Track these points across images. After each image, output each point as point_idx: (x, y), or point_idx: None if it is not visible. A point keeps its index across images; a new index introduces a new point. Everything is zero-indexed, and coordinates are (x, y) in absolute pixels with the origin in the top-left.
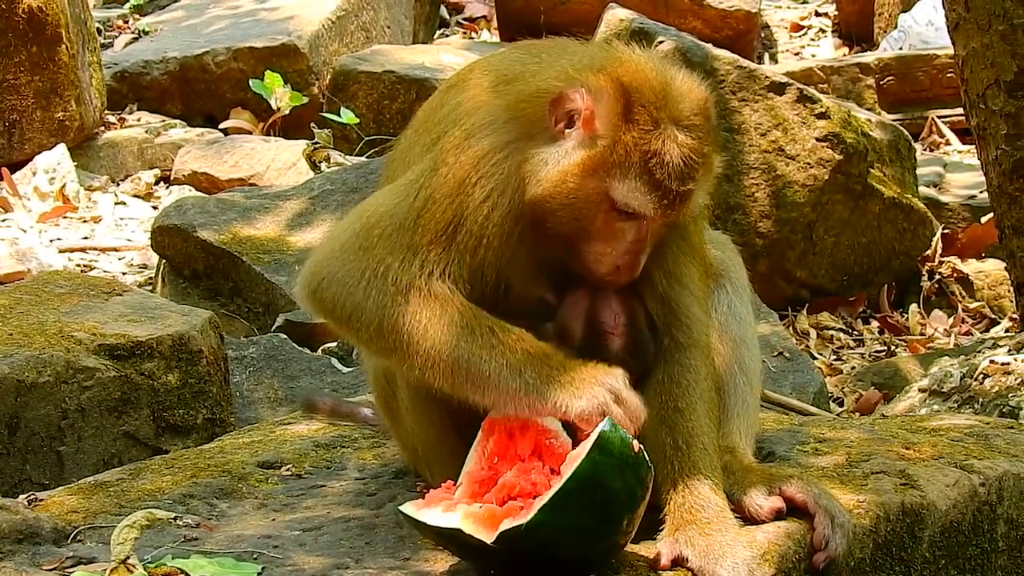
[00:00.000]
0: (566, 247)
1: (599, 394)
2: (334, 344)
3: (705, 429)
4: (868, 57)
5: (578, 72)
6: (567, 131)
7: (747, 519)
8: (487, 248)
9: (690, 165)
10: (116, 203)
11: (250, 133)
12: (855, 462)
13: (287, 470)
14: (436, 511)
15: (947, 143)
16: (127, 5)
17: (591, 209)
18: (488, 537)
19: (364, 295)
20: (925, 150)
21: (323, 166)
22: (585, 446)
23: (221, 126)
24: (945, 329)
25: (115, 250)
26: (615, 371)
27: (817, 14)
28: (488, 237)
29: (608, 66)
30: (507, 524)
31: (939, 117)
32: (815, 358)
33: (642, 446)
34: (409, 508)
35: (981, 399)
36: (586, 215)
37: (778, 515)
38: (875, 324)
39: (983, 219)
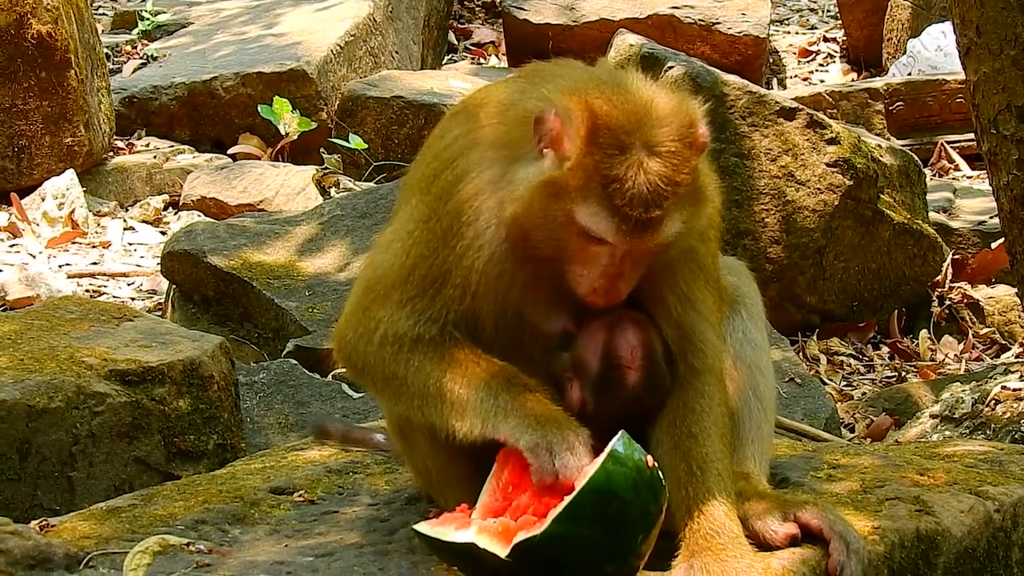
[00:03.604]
0: (557, 267)
1: (552, 437)
2: (345, 370)
3: (719, 455)
4: (877, 82)
5: (555, 93)
6: (545, 151)
7: (762, 545)
8: (476, 296)
9: (656, 192)
10: (125, 228)
11: (259, 158)
12: (869, 488)
13: (299, 496)
14: (450, 528)
15: (956, 168)
16: (135, 31)
17: (561, 231)
18: (502, 551)
19: (367, 351)
20: (934, 176)
21: (332, 191)
22: (599, 459)
23: (229, 151)
24: (955, 355)
25: (124, 275)
26: (581, 429)
27: (825, 39)
28: (475, 284)
29: (586, 88)
30: (521, 536)
31: (948, 142)
32: (825, 384)
33: (656, 463)
34: (423, 526)
35: (993, 425)
36: (558, 236)
37: (793, 541)
38: (885, 350)
39: (993, 245)
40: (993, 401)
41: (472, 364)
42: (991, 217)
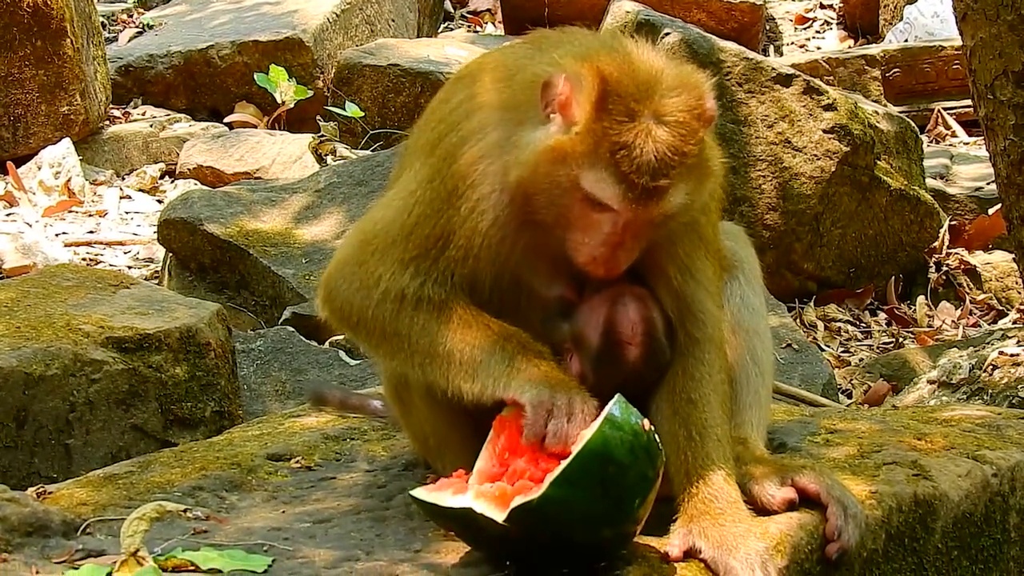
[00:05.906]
0: (558, 235)
1: (559, 399)
2: (342, 337)
3: (718, 420)
4: (874, 49)
5: (566, 59)
6: (552, 116)
7: (760, 510)
8: (477, 259)
9: (663, 161)
10: (121, 197)
11: (255, 127)
12: (867, 453)
13: (296, 462)
14: (447, 493)
15: (953, 135)
16: None
17: (565, 196)
18: (500, 515)
19: (364, 305)
20: (931, 142)
21: (329, 159)
22: (595, 423)
23: (226, 120)
24: (952, 321)
25: (120, 244)
26: (590, 401)
27: (822, 6)
28: (478, 248)
29: (596, 55)
30: (519, 500)
31: (945, 108)
32: (823, 350)
33: (652, 427)
34: (420, 491)
35: (990, 390)
36: (561, 202)
37: (791, 506)
38: (882, 316)
39: (990, 211)
40: (990, 366)
41: (483, 327)
42: (988, 183)
